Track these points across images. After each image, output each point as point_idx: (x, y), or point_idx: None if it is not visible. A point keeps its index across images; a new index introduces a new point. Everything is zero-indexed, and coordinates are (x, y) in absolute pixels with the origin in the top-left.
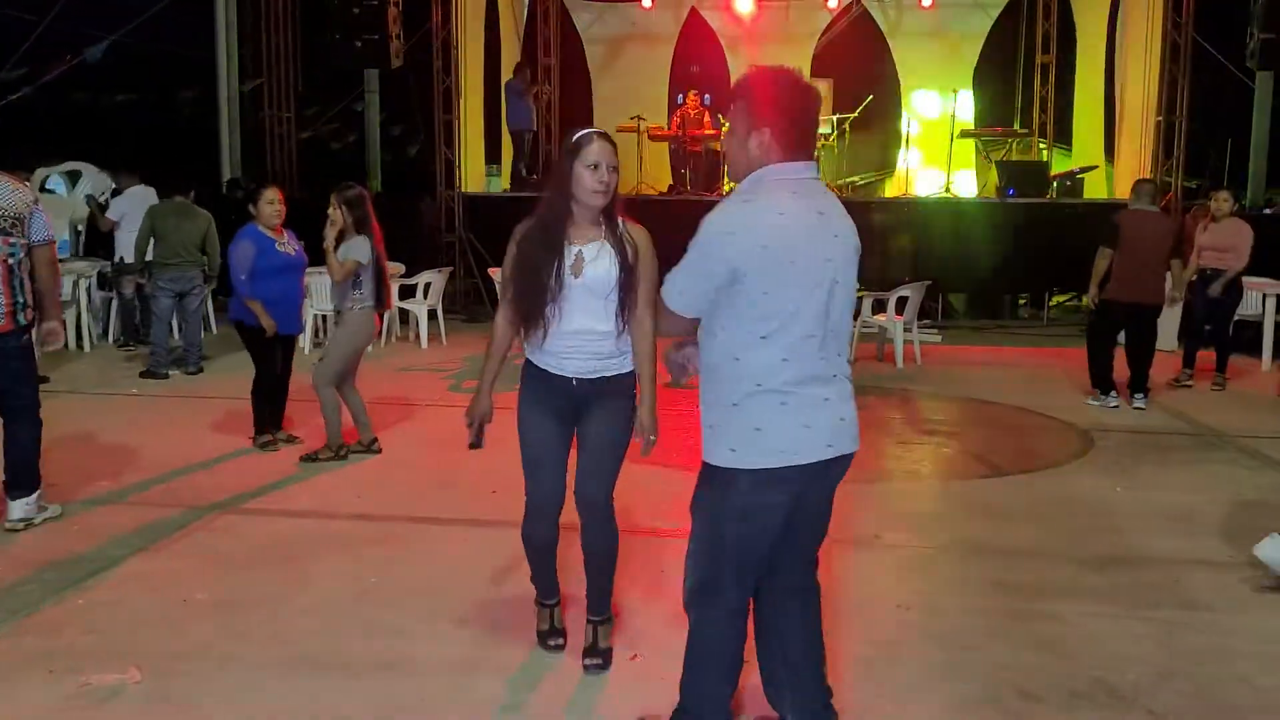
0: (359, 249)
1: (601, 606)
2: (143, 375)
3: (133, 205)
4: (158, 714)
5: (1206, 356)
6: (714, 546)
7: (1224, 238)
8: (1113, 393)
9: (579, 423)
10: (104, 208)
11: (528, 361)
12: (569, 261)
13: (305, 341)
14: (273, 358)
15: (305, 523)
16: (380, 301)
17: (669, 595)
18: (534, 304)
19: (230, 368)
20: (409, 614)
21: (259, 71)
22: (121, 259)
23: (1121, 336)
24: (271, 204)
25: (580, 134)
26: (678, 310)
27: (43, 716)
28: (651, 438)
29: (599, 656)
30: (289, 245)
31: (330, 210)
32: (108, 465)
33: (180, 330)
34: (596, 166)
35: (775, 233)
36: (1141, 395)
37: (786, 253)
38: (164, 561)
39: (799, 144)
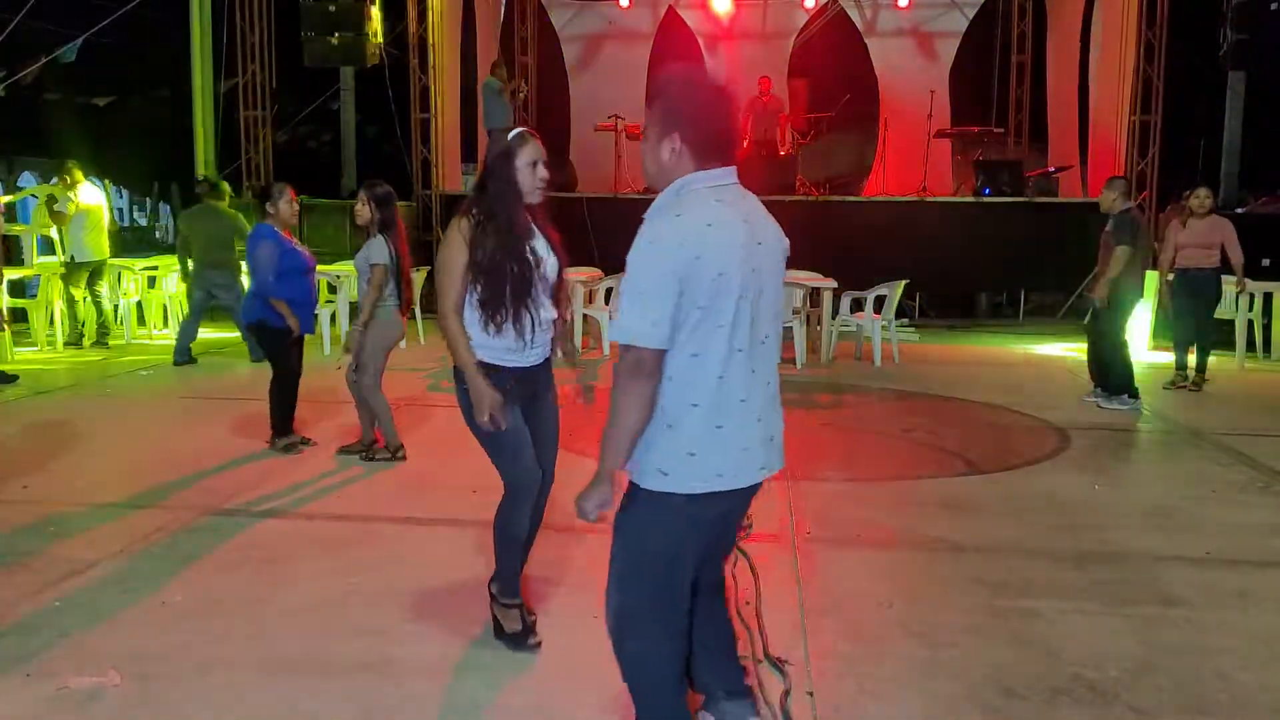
0: (378, 251)
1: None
2: (176, 364)
3: (79, 202)
4: (137, 717)
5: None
6: (642, 569)
7: (1207, 235)
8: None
9: (531, 407)
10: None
11: (480, 363)
12: (530, 257)
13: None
14: (293, 359)
15: (285, 524)
16: (402, 300)
17: None
18: (519, 301)
19: (211, 368)
20: (390, 615)
21: (234, 70)
22: (72, 258)
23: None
24: (291, 204)
25: (514, 134)
26: (647, 344)
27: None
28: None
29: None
30: (301, 246)
31: (358, 206)
32: (82, 466)
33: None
34: (535, 165)
35: (706, 246)
36: (1100, 390)
37: (716, 265)
38: (141, 563)
39: (715, 151)
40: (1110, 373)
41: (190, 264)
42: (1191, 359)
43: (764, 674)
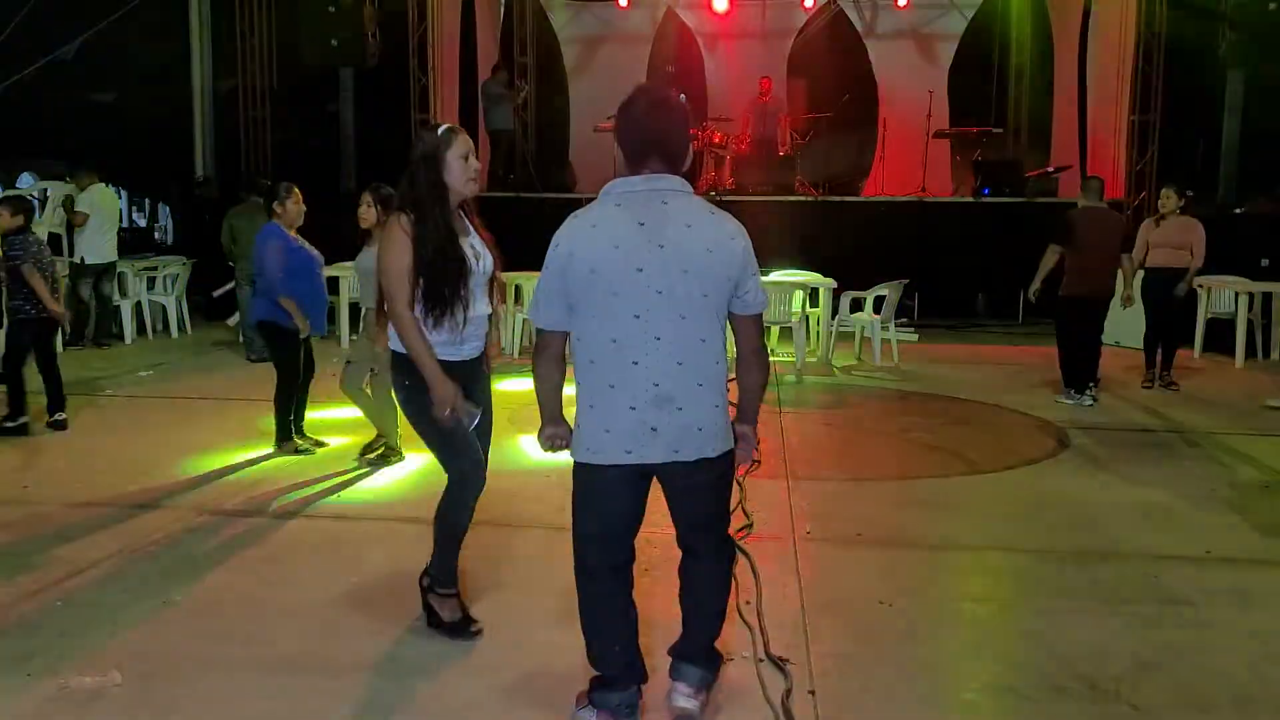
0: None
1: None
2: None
3: (93, 204)
4: (138, 717)
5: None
6: (578, 526)
7: (1176, 235)
8: (1088, 390)
9: (467, 400)
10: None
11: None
12: (469, 253)
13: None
14: (298, 361)
15: (286, 524)
16: None
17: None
18: (455, 294)
19: (207, 367)
20: (390, 615)
21: (233, 70)
22: (82, 259)
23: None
24: (298, 204)
25: (443, 128)
26: (541, 325)
27: None
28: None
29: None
30: (307, 245)
31: (362, 208)
32: (83, 466)
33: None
34: (467, 157)
35: (579, 244)
36: (1090, 389)
37: (588, 262)
38: (142, 563)
39: (640, 157)
40: (1081, 368)
41: (240, 262)
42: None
43: (765, 673)
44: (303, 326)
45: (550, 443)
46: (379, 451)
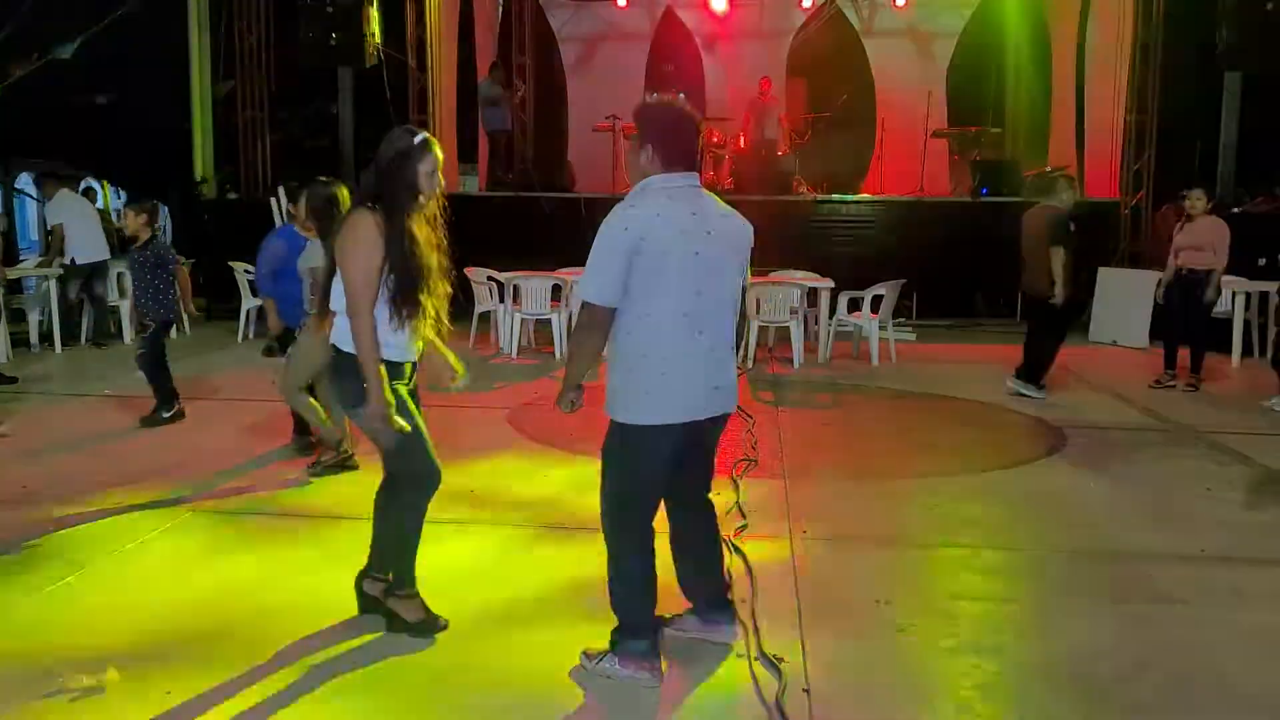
0: (315, 254)
1: None
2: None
3: (68, 209)
4: (135, 714)
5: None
6: (623, 486)
7: (1201, 236)
8: (1015, 382)
9: (414, 399)
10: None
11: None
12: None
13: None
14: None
15: (285, 521)
16: None
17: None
18: (415, 303)
19: (205, 367)
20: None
21: (232, 71)
22: (73, 260)
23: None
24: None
25: (417, 139)
26: (598, 301)
27: (19, 716)
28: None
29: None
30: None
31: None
32: (84, 464)
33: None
34: (433, 174)
35: (650, 230)
36: (1017, 382)
37: (659, 245)
38: (140, 560)
39: (676, 161)
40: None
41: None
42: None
43: (760, 671)
44: (273, 325)
45: (572, 406)
46: (340, 457)
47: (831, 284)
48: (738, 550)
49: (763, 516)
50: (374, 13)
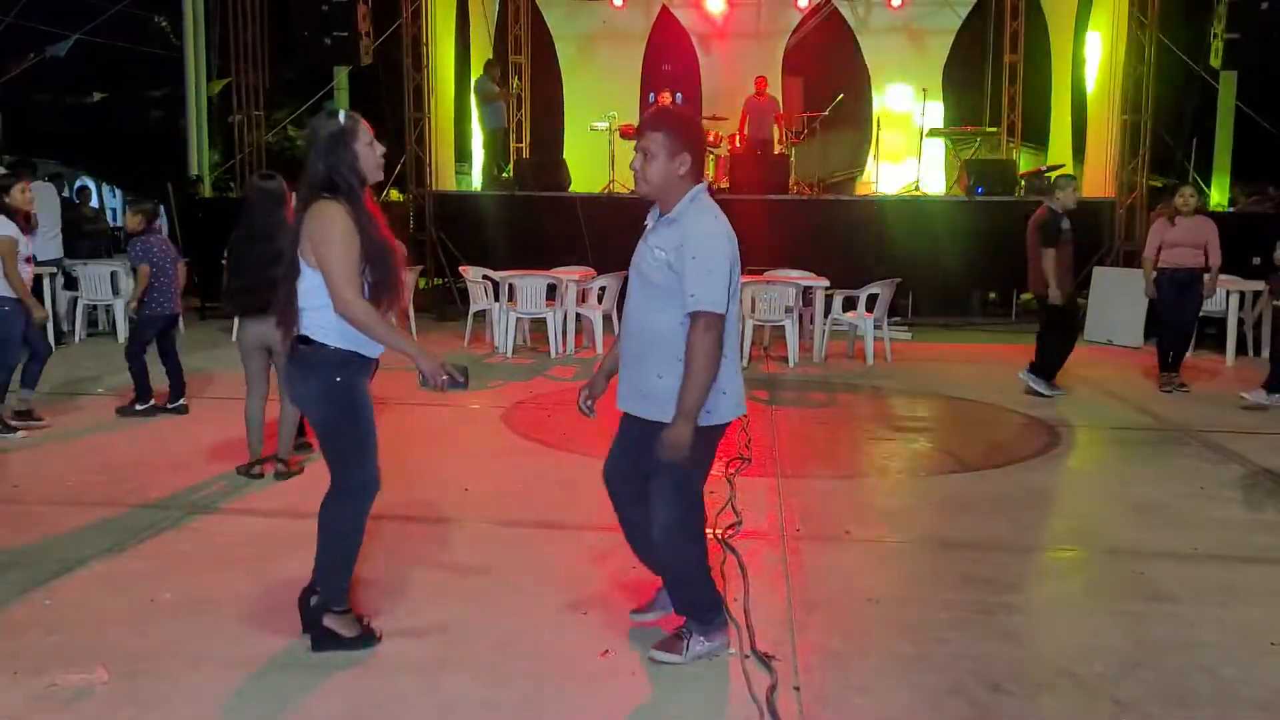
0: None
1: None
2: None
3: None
4: (125, 714)
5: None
6: (689, 487)
7: (1193, 234)
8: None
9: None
10: None
11: (346, 352)
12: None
13: None
14: None
15: (274, 523)
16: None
17: (636, 589)
18: (396, 286)
19: (200, 365)
20: (382, 613)
21: (227, 69)
22: (33, 256)
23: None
24: None
25: (344, 114)
26: (722, 310)
27: (8, 717)
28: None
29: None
30: None
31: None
32: (72, 465)
33: None
34: (372, 143)
35: (732, 240)
36: (1029, 379)
37: (735, 255)
38: (130, 562)
39: (702, 170)
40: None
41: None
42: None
43: (751, 669)
44: None
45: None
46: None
47: (827, 283)
48: (730, 548)
49: (756, 515)
50: (369, 11)
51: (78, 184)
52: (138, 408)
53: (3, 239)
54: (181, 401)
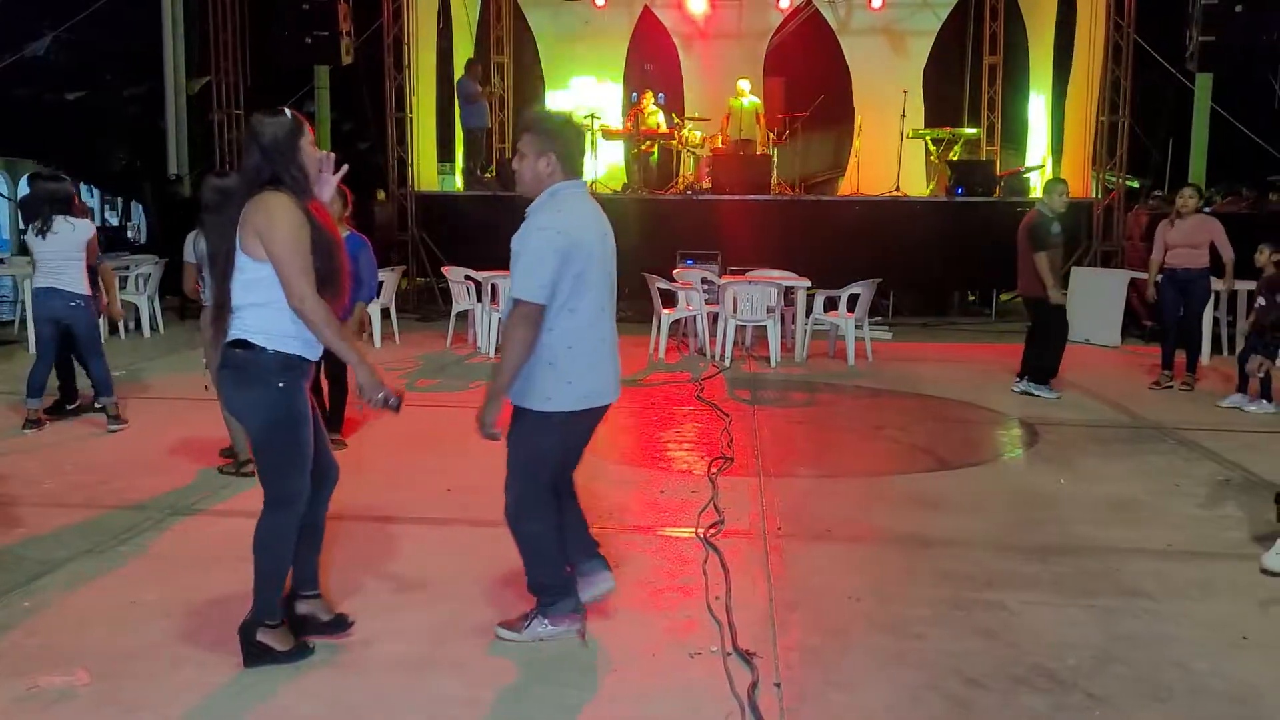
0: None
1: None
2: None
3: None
4: (107, 716)
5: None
6: (531, 468)
7: (1193, 235)
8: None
9: None
10: None
11: (287, 355)
12: None
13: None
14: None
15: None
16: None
17: (618, 588)
18: (340, 281)
19: (180, 366)
20: (361, 613)
21: (207, 68)
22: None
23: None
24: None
25: (290, 113)
26: (538, 300)
27: None
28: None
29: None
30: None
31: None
32: (53, 467)
33: None
34: (313, 144)
35: (583, 232)
36: (1020, 379)
37: (588, 247)
38: (112, 563)
39: (577, 168)
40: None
41: None
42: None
43: (733, 667)
44: None
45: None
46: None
47: (808, 283)
48: (712, 547)
49: (738, 514)
50: (350, 10)
51: None
52: (67, 407)
53: (94, 237)
54: (68, 407)
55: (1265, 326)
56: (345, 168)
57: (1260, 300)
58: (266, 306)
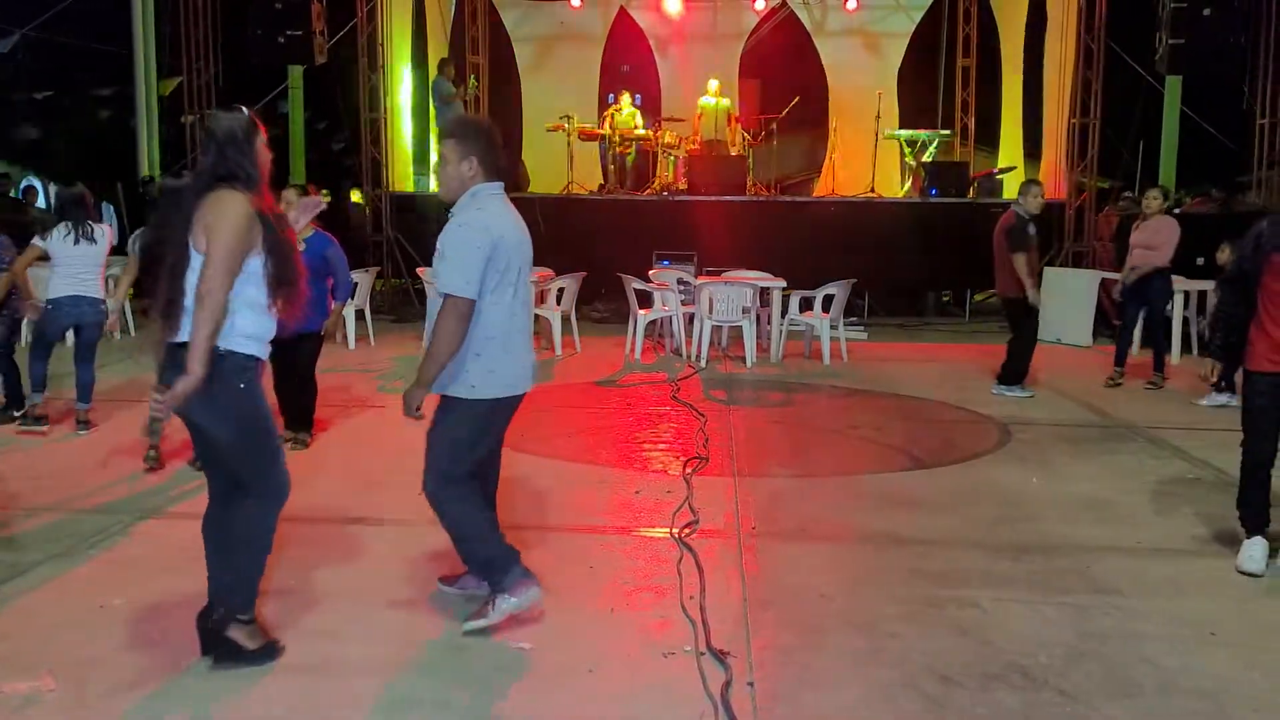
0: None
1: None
2: None
3: None
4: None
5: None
6: (457, 453)
7: (1150, 235)
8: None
9: None
10: None
11: (243, 356)
12: None
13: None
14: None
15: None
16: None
17: (592, 589)
18: (295, 284)
19: (150, 368)
20: (335, 615)
21: (179, 68)
22: None
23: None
24: (286, 203)
25: (245, 111)
26: (469, 295)
27: None
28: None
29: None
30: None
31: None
32: (23, 470)
33: None
34: (265, 145)
35: (504, 232)
36: (1000, 383)
37: (508, 246)
38: (79, 567)
39: (496, 170)
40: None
41: None
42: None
43: (706, 665)
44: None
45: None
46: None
47: (784, 283)
48: (687, 547)
49: (713, 513)
50: (324, 10)
51: (24, 184)
52: (14, 414)
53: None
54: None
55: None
56: (325, 205)
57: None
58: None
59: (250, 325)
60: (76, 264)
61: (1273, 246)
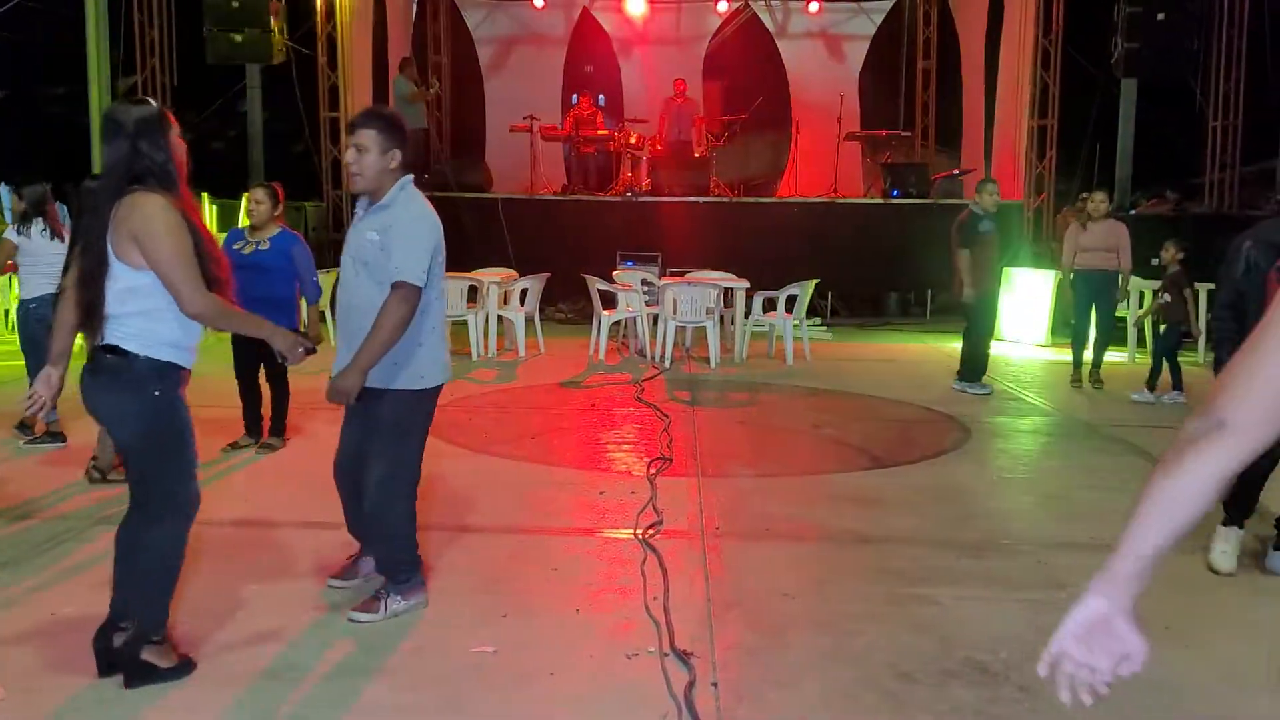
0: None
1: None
2: None
3: None
4: None
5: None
6: (408, 447)
7: (1106, 238)
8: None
9: None
10: None
11: (161, 363)
12: None
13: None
14: (240, 358)
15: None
16: None
17: (556, 591)
18: (225, 281)
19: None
20: (291, 619)
21: (133, 66)
22: None
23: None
24: (255, 202)
25: (156, 104)
26: (420, 283)
27: None
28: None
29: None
30: (255, 245)
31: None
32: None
33: None
34: (180, 135)
35: (439, 224)
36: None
37: (440, 238)
38: (32, 575)
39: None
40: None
41: None
42: (1089, 357)
43: (670, 666)
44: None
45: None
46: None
47: (747, 284)
48: (650, 548)
49: (676, 514)
50: (281, 8)
51: None
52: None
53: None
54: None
55: (1173, 322)
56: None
57: (1165, 296)
58: (143, 315)
59: (172, 332)
60: (56, 262)
61: (1267, 266)
